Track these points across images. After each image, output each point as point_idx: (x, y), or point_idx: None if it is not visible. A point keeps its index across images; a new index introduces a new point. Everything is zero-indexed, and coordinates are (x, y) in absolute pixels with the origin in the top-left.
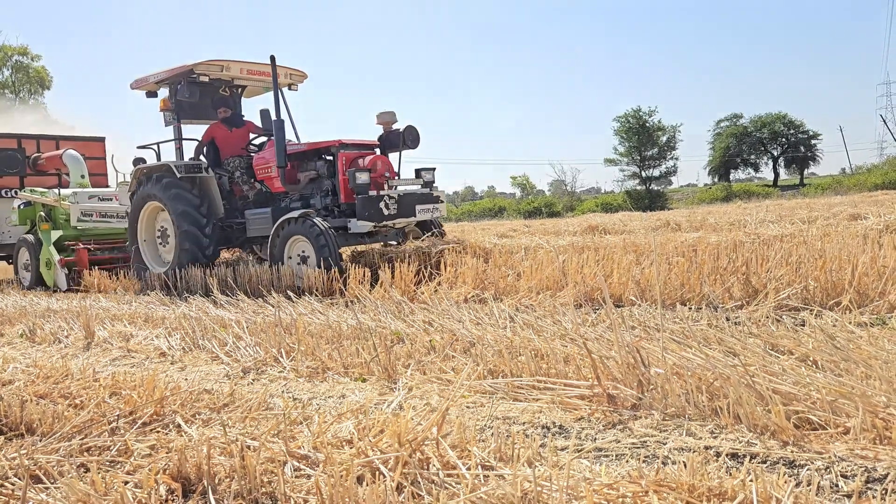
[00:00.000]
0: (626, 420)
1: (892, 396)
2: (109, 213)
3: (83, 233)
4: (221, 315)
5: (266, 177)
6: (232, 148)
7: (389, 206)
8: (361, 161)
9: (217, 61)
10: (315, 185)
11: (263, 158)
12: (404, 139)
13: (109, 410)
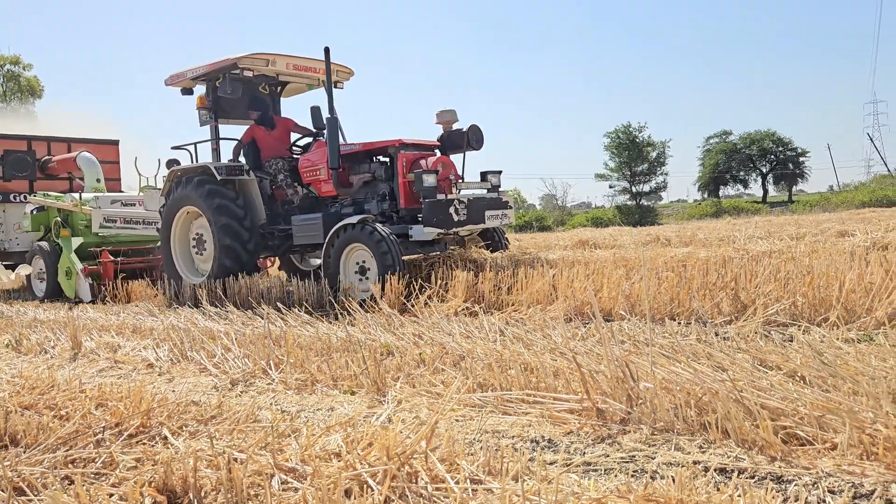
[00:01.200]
0: (615, 434)
1: (879, 412)
2: (134, 218)
3: (105, 240)
4: (210, 326)
5: (314, 180)
6: (273, 149)
7: (459, 212)
8: (424, 162)
9: (262, 55)
10: (369, 189)
11: (310, 160)
12: (468, 139)
13: (95, 422)
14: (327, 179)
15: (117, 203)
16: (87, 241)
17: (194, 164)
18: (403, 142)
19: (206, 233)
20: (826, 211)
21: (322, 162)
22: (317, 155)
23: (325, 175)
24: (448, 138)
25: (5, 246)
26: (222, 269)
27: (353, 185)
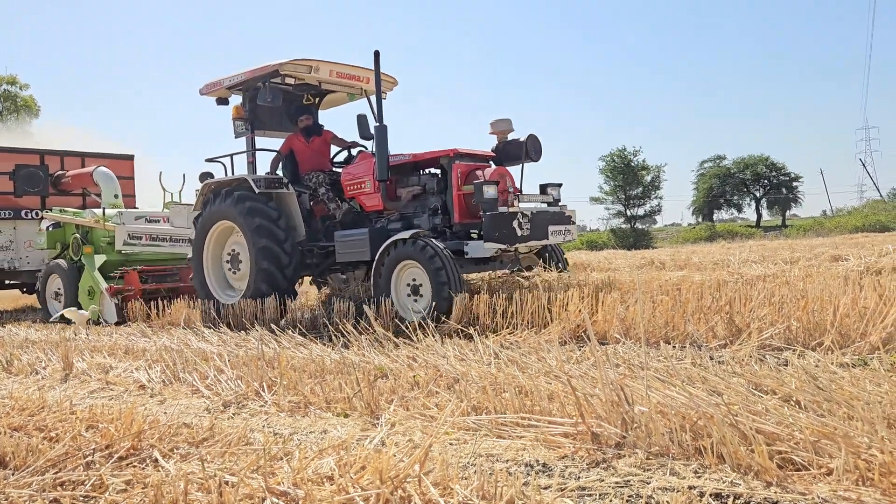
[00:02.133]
0: (609, 459)
1: (875, 438)
2: (160, 235)
3: (128, 258)
4: (203, 347)
5: (358, 193)
6: (312, 162)
7: (522, 226)
8: (481, 174)
9: (305, 61)
10: (419, 203)
11: (354, 173)
12: (527, 150)
13: (85, 444)
14: (373, 192)
15: (141, 219)
16: (110, 258)
17: (231, 176)
18: (458, 151)
19: (242, 251)
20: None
21: (367, 174)
22: (361, 167)
23: (371, 188)
24: (504, 149)
25: (15, 265)
26: (258, 293)
27: (401, 199)
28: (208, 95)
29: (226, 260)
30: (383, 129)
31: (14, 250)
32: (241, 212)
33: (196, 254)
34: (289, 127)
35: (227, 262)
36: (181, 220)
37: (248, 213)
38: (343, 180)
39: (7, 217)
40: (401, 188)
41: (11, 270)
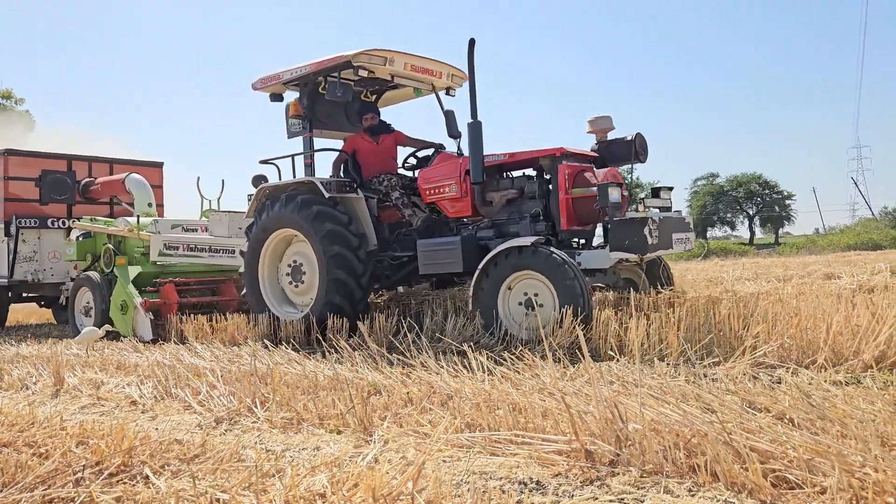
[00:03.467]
0: (603, 476)
1: (868, 456)
2: (199, 245)
3: (164, 269)
4: (196, 363)
5: (440, 198)
6: (379, 164)
7: (653, 233)
8: (591, 175)
9: (380, 51)
10: (514, 208)
11: (435, 175)
12: (636, 150)
13: (75, 460)
14: (460, 197)
15: (177, 228)
16: (144, 270)
17: (293, 179)
18: (565, 151)
19: (305, 262)
20: (812, 253)
21: (452, 177)
22: (444, 168)
23: (457, 192)
24: (607, 148)
25: (39, 276)
26: (330, 307)
27: (492, 204)
28: (262, 91)
29: (285, 272)
30: (478, 126)
31: (38, 261)
32: (306, 217)
33: (250, 266)
34: (347, 126)
35: (288, 275)
36: (222, 228)
37: (315, 219)
38: (421, 184)
39: (32, 226)
40: (492, 192)
41: (35, 283)
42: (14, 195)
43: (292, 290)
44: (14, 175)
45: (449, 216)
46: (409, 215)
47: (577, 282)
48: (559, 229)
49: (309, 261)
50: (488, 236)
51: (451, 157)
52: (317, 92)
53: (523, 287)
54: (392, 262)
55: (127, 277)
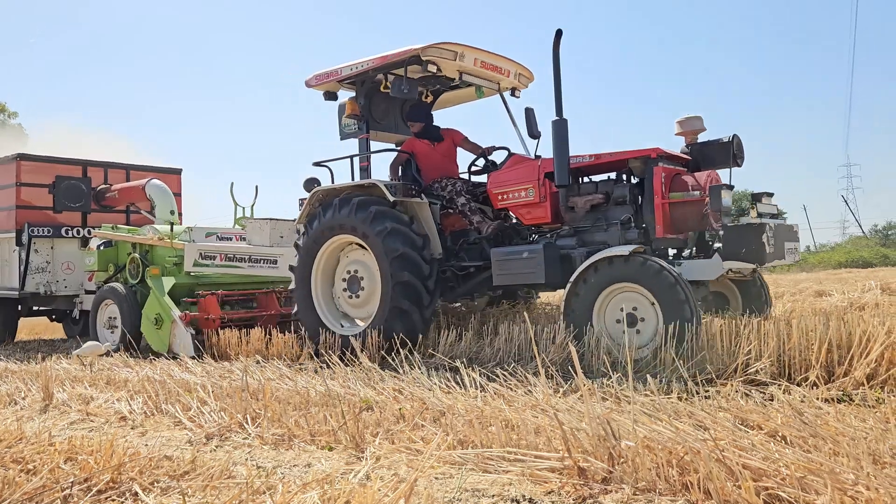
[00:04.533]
0: (596, 494)
1: (860, 474)
2: (238, 255)
3: (198, 281)
4: (186, 378)
5: (514, 204)
6: (438, 167)
7: (770, 242)
8: (691, 179)
9: (450, 45)
10: (599, 215)
11: (508, 179)
12: (734, 153)
13: (63, 476)
14: (538, 202)
15: (212, 237)
16: (179, 281)
17: (354, 181)
18: (661, 152)
19: (363, 269)
20: (804, 271)
21: (529, 180)
22: (519, 172)
23: (535, 196)
24: (701, 151)
25: (52, 289)
26: (397, 315)
27: (575, 210)
28: (316, 88)
29: (341, 283)
30: (563, 125)
31: (51, 272)
32: (366, 219)
33: (302, 276)
34: (402, 128)
35: (344, 286)
36: (262, 237)
37: (375, 219)
38: (492, 188)
39: (45, 235)
40: (574, 197)
41: (47, 295)
42: (26, 202)
43: (349, 303)
44: (27, 181)
45: (524, 223)
46: (477, 222)
47: (685, 296)
48: (653, 237)
49: (368, 269)
50: (570, 245)
51: (526, 159)
52: (375, 90)
53: (621, 301)
54: (458, 273)
55: (162, 289)
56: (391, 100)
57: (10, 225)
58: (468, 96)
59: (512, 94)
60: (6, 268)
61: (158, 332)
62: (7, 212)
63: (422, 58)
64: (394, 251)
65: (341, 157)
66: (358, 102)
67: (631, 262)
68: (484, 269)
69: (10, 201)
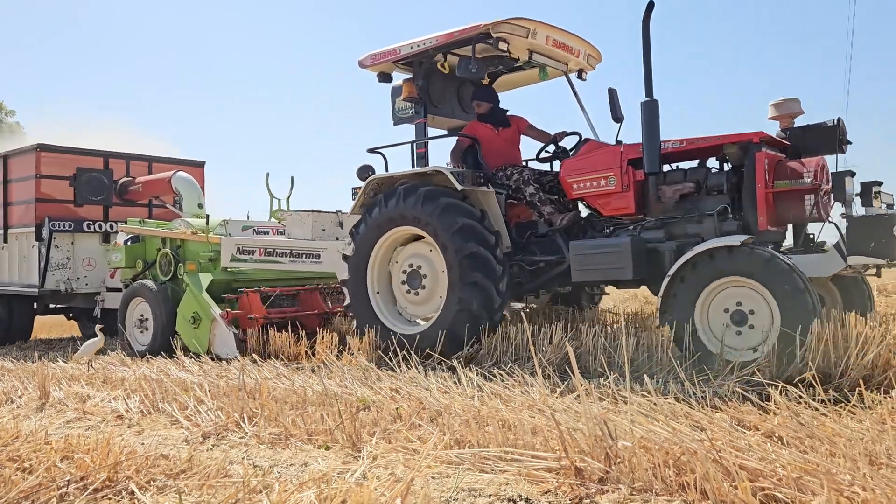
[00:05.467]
0: (592, 494)
1: (857, 474)
2: (279, 249)
3: (235, 277)
4: (183, 377)
5: (592, 193)
6: (503, 154)
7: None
8: (801, 166)
9: (522, 20)
10: (691, 205)
11: (585, 166)
12: (839, 138)
13: (60, 475)
14: (619, 192)
15: (248, 231)
16: (216, 277)
17: (414, 169)
18: (765, 136)
19: (425, 264)
20: None
21: (610, 167)
22: (598, 158)
23: (617, 185)
24: (802, 136)
25: (72, 286)
26: (465, 317)
27: (662, 200)
28: (371, 69)
29: (400, 278)
30: (654, 106)
31: (71, 269)
32: (432, 211)
33: (356, 270)
34: (459, 112)
35: (403, 282)
36: (303, 230)
37: (444, 212)
38: (565, 176)
39: (66, 229)
40: (661, 186)
41: (67, 293)
42: (46, 195)
43: (408, 299)
44: (47, 173)
45: (603, 214)
46: (548, 213)
47: (808, 294)
48: (754, 230)
49: (430, 264)
50: (658, 238)
51: (605, 144)
52: (432, 71)
53: (728, 297)
54: (528, 268)
55: (200, 286)
56: (448, 82)
57: (29, 219)
58: (529, 79)
59: (578, 77)
60: (25, 264)
61: (196, 331)
62: (26, 205)
63: (492, 34)
64: (465, 249)
65: (398, 144)
66: (415, 84)
67: (740, 253)
68: (556, 264)
69: (30, 194)
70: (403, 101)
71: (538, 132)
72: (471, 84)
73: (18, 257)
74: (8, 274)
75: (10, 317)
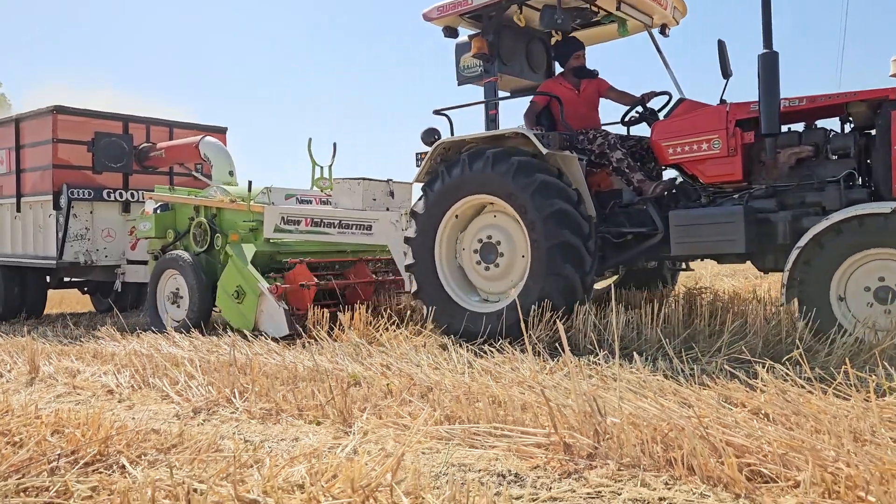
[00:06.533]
0: (581, 469)
1: (841, 451)
2: (326, 219)
3: (278, 249)
4: (174, 353)
5: (691, 158)
6: (580, 117)
7: None
8: None
9: None
10: (807, 171)
11: (682, 128)
12: None
13: (50, 449)
14: (725, 156)
15: (291, 199)
16: (259, 249)
17: (489, 131)
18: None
19: (500, 235)
20: None
21: (714, 129)
22: (699, 119)
23: (722, 149)
24: None
25: (92, 258)
26: (555, 283)
27: (774, 166)
28: (436, 22)
29: (472, 251)
30: (774, 59)
31: (90, 240)
32: (505, 172)
33: (422, 243)
34: (528, 72)
35: (476, 257)
36: (353, 198)
37: (519, 171)
38: (658, 139)
39: (86, 197)
40: (777, 150)
41: (87, 265)
42: (64, 161)
43: (481, 275)
44: (64, 137)
45: (704, 181)
46: (638, 181)
47: None
48: (888, 198)
49: (506, 234)
50: (769, 208)
51: (703, 104)
52: (505, 25)
53: (872, 271)
54: (614, 241)
55: (245, 257)
56: (517, 38)
57: (46, 186)
58: (605, 35)
59: (661, 33)
60: (41, 234)
61: (240, 306)
62: (42, 171)
63: None
64: (548, 206)
65: (467, 104)
66: (486, 39)
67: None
68: (647, 236)
69: (46, 160)
70: (473, 57)
71: (620, 93)
72: (540, 42)
73: (33, 227)
74: (22, 245)
75: (24, 290)
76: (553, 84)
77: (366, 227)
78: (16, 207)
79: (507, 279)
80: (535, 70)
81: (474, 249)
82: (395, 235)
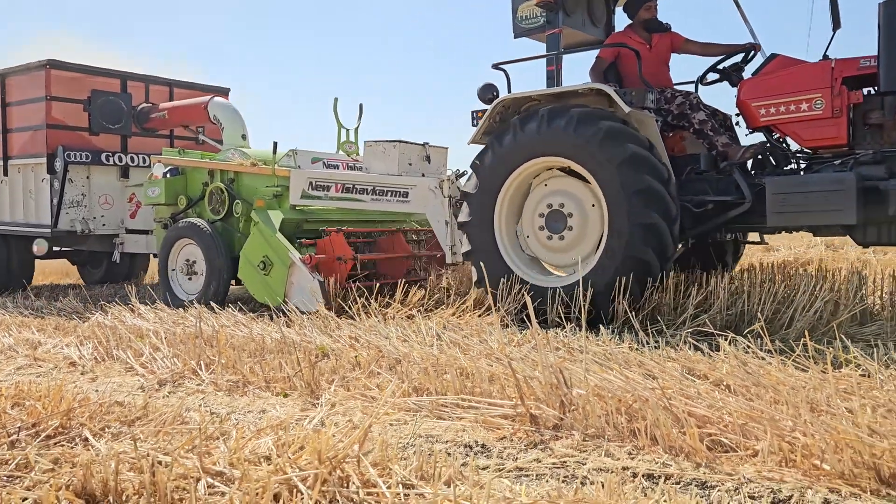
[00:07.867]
0: (547, 440)
1: (798, 421)
2: (359, 185)
3: (305, 215)
4: (139, 324)
5: (786, 119)
6: (652, 74)
7: None
8: None
9: None
10: None
11: (777, 86)
12: None
13: (10, 422)
14: (830, 117)
15: (318, 163)
16: (286, 217)
17: (560, 87)
18: None
19: (571, 202)
20: None
21: (815, 87)
22: (794, 76)
23: (824, 109)
24: None
25: (89, 226)
26: (633, 266)
27: (882, 129)
28: None
29: (537, 220)
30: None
31: (87, 206)
32: (588, 137)
33: (481, 208)
34: (588, 26)
35: (540, 226)
36: (387, 163)
37: (606, 138)
38: (748, 98)
39: (83, 160)
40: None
41: (84, 234)
42: (58, 121)
43: (545, 245)
44: (58, 95)
45: (803, 145)
46: (723, 144)
47: None
48: None
49: (577, 203)
50: (878, 175)
51: (799, 61)
52: None
53: None
54: (694, 210)
55: (273, 225)
56: None
57: (39, 148)
58: None
59: None
60: (32, 201)
61: (267, 278)
62: (32, 132)
63: None
64: (637, 182)
65: (530, 58)
66: None
67: None
68: (732, 205)
69: (39, 119)
70: (536, 6)
71: (702, 46)
72: None
73: (23, 192)
74: (10, 212)
75: (9, 260)
76: (623, 37)
77: (402, 194)
78: (3, 171)
79: (573, 251)
80: (596, 24)
81: (540, 213)
82: (434, 203)
